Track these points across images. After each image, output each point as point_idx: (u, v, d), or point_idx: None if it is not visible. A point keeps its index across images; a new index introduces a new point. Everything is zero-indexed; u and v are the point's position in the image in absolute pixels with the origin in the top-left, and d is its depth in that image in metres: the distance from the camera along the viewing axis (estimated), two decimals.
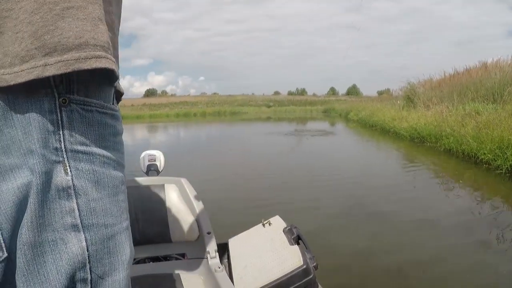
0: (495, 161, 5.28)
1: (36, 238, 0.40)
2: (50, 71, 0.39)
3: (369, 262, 2.45)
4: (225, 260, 1.43)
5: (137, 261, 1.40)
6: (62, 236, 0.41)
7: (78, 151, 0.42)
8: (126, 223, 0.48)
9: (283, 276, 1.11)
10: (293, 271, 1.10)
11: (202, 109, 38.82)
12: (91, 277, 0.43)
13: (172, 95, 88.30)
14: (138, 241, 1.37)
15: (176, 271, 1.26)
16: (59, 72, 0.39)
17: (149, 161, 1.95)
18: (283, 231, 1.30)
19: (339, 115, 25.21)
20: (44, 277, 0.41)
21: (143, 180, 1.52)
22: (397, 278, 2.22)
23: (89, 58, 0.40)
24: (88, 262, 0.43)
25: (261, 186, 4.87)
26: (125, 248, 0.47)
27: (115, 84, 0.50)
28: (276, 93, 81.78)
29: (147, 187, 1.45)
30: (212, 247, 1.34)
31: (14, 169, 0.40)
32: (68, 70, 0.39)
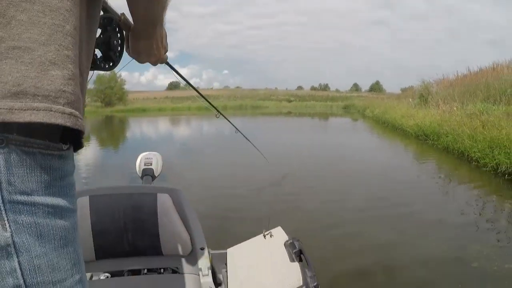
0: (483, 159, 5.56)
1: None
2: None
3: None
4: (223, 270, 1.38)
5: (125, 273, 1.35)
6: None
7: (17, 202, 0.36)
8: (79, 276, 0.44)
9: None
10: None
11: (224, 102, 39.28)
12: None
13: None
14: (127, 252, 1.34)
15: (166, 286, 1.22)
16: None
17: (145, 164, 1.85)
18: (284, 244, 1.23)
19: (358, 112, 25.24)
20: None
21: (135, 188, 1.46)
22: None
23: (24, 110, 0.36)
24: None
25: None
26: None
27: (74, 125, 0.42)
28: (299, 88, 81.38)
29: (139, 195, 1.37)
30: (205, 264, 1.27)
31: None
32: None
